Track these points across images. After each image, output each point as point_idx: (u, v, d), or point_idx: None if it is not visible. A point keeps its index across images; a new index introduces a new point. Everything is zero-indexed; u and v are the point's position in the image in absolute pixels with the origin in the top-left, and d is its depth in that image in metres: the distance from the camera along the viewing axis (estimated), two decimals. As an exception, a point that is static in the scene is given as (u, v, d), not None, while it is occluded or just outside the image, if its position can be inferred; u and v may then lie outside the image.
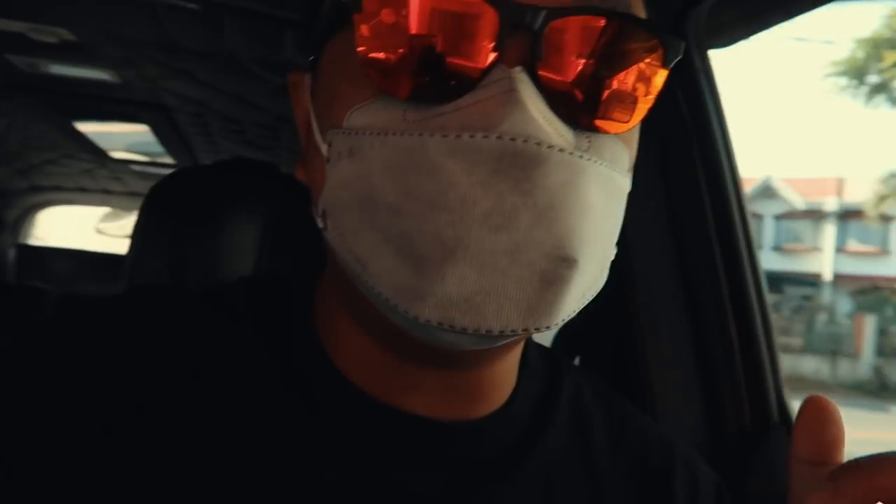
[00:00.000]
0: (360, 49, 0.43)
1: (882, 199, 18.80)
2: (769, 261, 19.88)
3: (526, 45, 0.41)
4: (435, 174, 0.40)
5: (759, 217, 20.34)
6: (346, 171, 0.45)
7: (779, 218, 20.81)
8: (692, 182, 0.81)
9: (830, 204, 20.41)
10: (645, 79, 0.46)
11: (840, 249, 20.65)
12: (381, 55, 0.43)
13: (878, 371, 16.25)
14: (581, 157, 0.41)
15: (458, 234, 0.40)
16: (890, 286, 19.84)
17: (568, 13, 0.42)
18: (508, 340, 0.45)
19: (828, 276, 20.14)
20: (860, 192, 20.04)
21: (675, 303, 0.82)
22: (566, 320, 0.45)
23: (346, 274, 0.48)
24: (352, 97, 0.45)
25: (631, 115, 0.46)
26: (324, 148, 0.48)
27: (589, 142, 0.44)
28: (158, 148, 2.65)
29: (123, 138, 2.82)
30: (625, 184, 0.48)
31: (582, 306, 0.46)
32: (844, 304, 19.79)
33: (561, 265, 0.41)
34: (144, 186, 3.45)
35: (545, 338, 0.89)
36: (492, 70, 0.41)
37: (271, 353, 0.54)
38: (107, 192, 3.61)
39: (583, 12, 0.43)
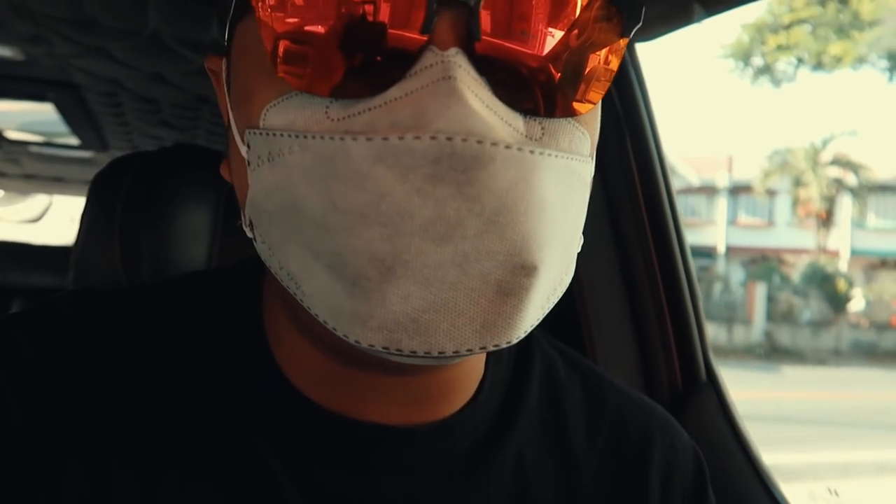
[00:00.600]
0: (265, 37, 0.37)
1: (768, 175, 20.13)
2: (669, 234, 20.75)
3: (461, 23, 0.36)
4: (362, 183, 0.35)
5: (659, 193, 21.24)
6: (267, 179, 0.39)
7: (678, 194, 21.88)
8: (626, 169, 0.87)
9: (722, 180, 21.65)
10: (603, 52, 0.40)
11: (732, 223, 22.00)
12: (290, 44, 0.37)
13: (768, 335, 17.51)
14: (532, 151, 0.36)
15: (396, 248, 0.35)
16: (777, 256, 21.36)
17: None
18: (463, 359, 0.39)
19: (722, 248, 21.45)
20: (748, 169, 21.37)
21: (611, 276, 0.89)
22: (528, 333, 0.40)
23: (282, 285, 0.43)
24: (265, 92, 0.39)
25: (589, 94, 0.41)
26: (243, 150, 0.42)
27: (542, 128, 0.38)
28: (57, 128, 2.49)
29: (17, 117, 2.64)
30: (586, 170, 0.42)
31: (545, 314, 0.41)
32: (737, 274, 21.18)
33: (518, 273, 0.36)
34: (42, 169, 3.28)
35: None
36: (422, 54, 0.35)
37: (217, 364, 0.50)
38: (1, 174, 3.37)
39: None
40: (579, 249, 0.45)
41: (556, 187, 0.38)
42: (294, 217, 0.38)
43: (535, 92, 0.39)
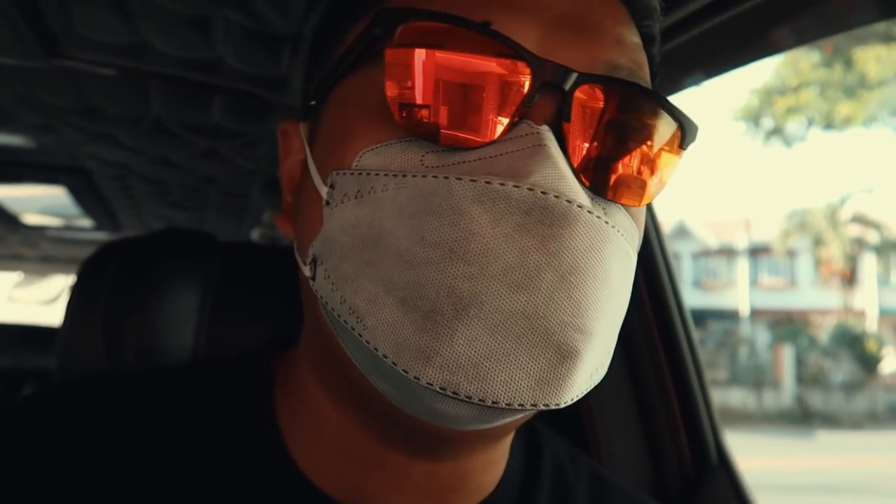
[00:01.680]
0: (388, 83, 0.42)
1: (787, 235, 19.99)
2: (690, 296, 20.65)
3: (554, 105, 0.41)
4: (458, 220, 0.37)
5: (678, 256, 21.21)
6: (349, 214, 0.42)
7: (696, 256, 21.77)
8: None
9: (741, 241, 21.52)
10: (662, 158, 0.45)
11: (754, 284, 21.71)
12: (410, 94, 0.41)
13: (800, 399, 16.98)
14: (608, 222, 0.39)
15: (475, 288, 0.36)
16: (802, 317, 20.93)
17: (599, 80, 0.42)
18: (510, 419, 0.41)
19: (745, 310, 21.10)
20: (767, 230, 21.24)
21: (613, 357, 0.85)
22: (574, 401, 0.40)
23: (329, 336, 0.44)
24: (365, 136, 0.43)
25: (645, 192, 0.45)
26: (324, 191, 0.45)
27: (603, 210, 0.42)
28: (73, 210, 2.55)
29: (35, 201, 2.70)
30: (635, 260, 0.45)
31: (587, 388, 0.41)
32: (763, 336, 20.73)
33: (576, 337, 0.38)
34: (59, 251, 3.33)
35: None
36: (518, 125, 0.40)
37: (226, 454, 0.49)
38: (18, 257, 3.43)
39: (613, 82, 0.42)
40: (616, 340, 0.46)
41: (618, 264, 0.41)
42: (373, 250, 0.40)
43: (602, 178, 0.43)
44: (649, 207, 0.90)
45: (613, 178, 0.43)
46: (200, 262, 0.83)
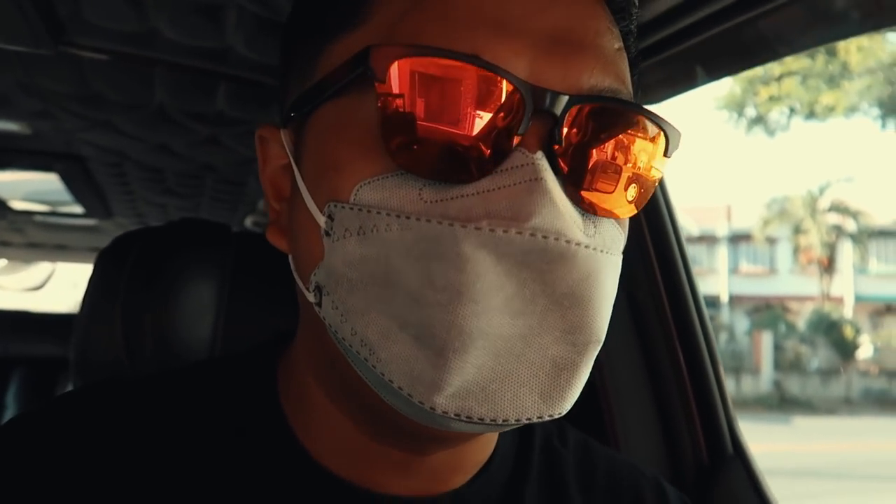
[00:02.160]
0: (383, 122, 0.42)
1: (767, 223, 20.22)
2: (672, 285, 20.71)
3: (545, 130, 0.42)
4: (464, 265, 0.39)
5: (660, 243, 21.32)
6: (354, 250, 0.43)
7: (678, 244, 21.92)
8: (637, 231, 0.86)
9: (722, 229, 21.72)
10: (649, 169, 0.47)
11: (733, 271, 21.96)
12: (402, 130, 0.42)
13: (777, 385, 17.25)
14: (602, 252, 0.42)
15: (481, 323, 0.39)
16: (781, 304, 21.24)
17: (588, 101, 0.43)
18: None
19: (725, 296, 21.35)
20: (747, 218, 21.47)
21: (630, 349, 0.87)
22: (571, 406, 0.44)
23: (334, 352, 0.46)
24: (360, 169, 0.43)
25: (634, 202, 0.47)
26: (322, 220, 0.45)
27: (594, 226, 0.44)
28: (61, 196, 2.51)
29: (21, 186, 2.66)
30: (620, 262, 0.48)
31: (580, 391, 0.45)
32: (742, 323, 21.01)
33: (571, 351, 0.41)
34: (46, 237, 3.28)
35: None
36: (513, 153, 0.41)
37: (237, 445, 0.51)
38: (5, 243, 3.38)
39: (601, 101, 0.44)
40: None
41: (609, 281, 0.44)
42: (383, 288, 0.41)
43: (594, 195, 0.45)
44: (666, 200, 0.92)
45: (603, 194, 0.45)
46: (217, 253, 0.83)
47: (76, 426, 0.51)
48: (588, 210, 0.45)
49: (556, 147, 0.42)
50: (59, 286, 4.67)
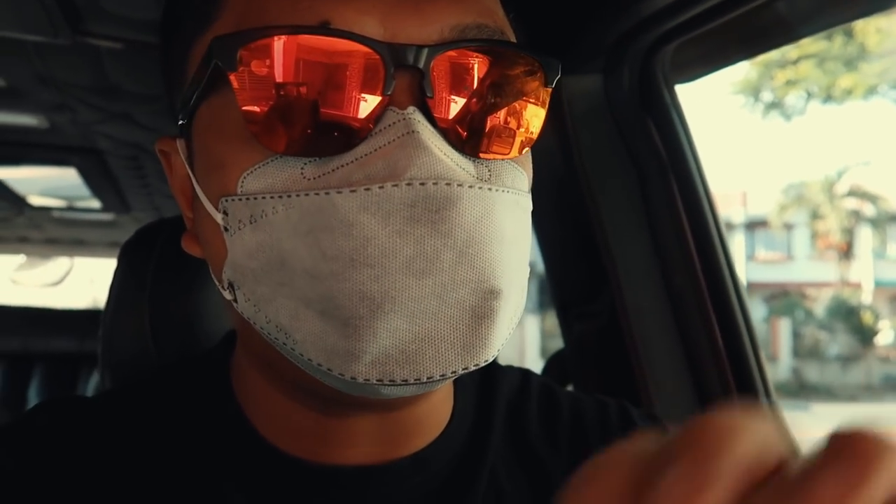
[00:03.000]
0: (244, 109, 0.41)
1: (784, 208, 20.02)
2: (687, 272, 20.62)
3: (414, 84, 0.41)
4: (349, 231, 0.39)
5: (675, 231, 21.20)
6: (250, 240, 0.43)
7: (693, 231, 21.78)
8: (674, 216, 0.84)
9: (738, 215, 21.55)
10: (532, 101, 0.47)
11: (750, 258, 21.80)
12: (266, 113, 0.41)
13: (796, 372, 17.13)
14: (490, 189, 0.41)
15: (384, 287, 0.39)
16: (798, 290, 21.06)
17: (449, 47, 0.42)
18: (439, 386, 0.44)
19: (742, 283, 21.15)
20: (763, 203, 21.27)
21: (665, 326, 0.85)
22: (499, 352, 0.44)
23: (262, 342, 0.46)
24: (241, 161, 0.43)
25: (525, 138, 0.47)
26: (218, 217, 0.45)
27: (489, 170, 0.44)
28: (77, 191, 2.51)
29: (39, 183, 2.67)
30: (528, 204, 0.47)
31: (509, 335, 0.45)
32: (759, 310, 20.85)
33: (488, 298, 0.41)
34: (65, 232, 3.30)
35: (536, 366, 0.91)
36: (384, 114, 0.41)
37: (197, 439, 0.52)
38: (23, 239, 3.40)
39: (462, 45, 0.43)
40: (527, 280, 0.48)
41: (511, 219, 0.43)
42: (281, 271, 0.41)
43: (479, 140, 0.44)
44: (704, 182, 0.89)
45: (488, 136, 0.45)
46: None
47: (38, 443, 0.51)
48: (478, 154, 0.44)
49: (429, 100, 0.42)
50: (78, 281, 4.71)
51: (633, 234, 0.88)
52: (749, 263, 21.59)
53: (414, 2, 0.42)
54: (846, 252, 19.98)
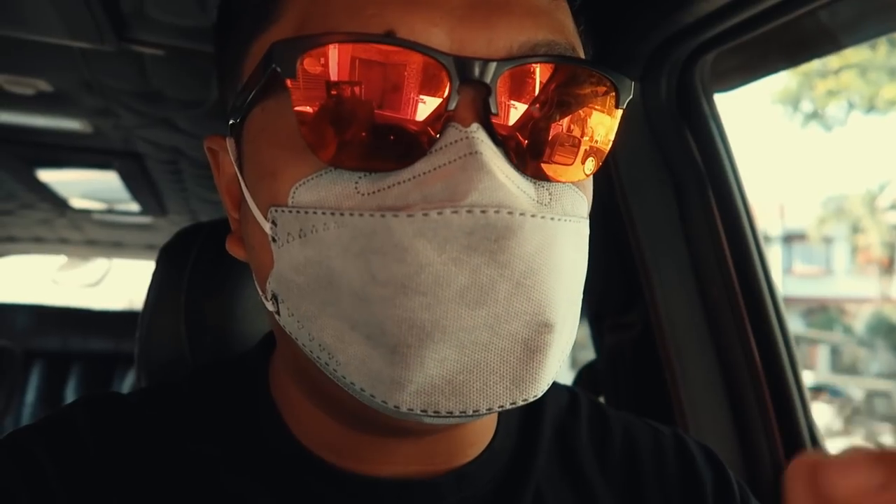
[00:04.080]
0: (299, 118, 0.39)
1: (823, 221, 19.57)
2: (722, 285, 20.28)
3: (479, 100, 0.39)
4: (403, 256, 0.37)
5: (709, 243, 20.89)
6: (298, 254, 0.41)
7: (728, 243, 21.43)
8: (711, 227, 0.82)
9: (775, 228, 21.11)
10: (601, 123, 0.44)
11: (787, 271, 21.33)
12: (323, 123, 0.39)
13: (833, 389, 16.66)
14: (552, 218, 0.39)
15: (435, 315, 0.37)
16: (837, 305, 20.54)
17: (518, 62, 0.40)
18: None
19: (780, 297, 20.70)
20: (801, 216, 20.82)
21: (702, 344, 0.83)
22: (549, 386, 0.42)
23: (302, 356, 0.44)
24: (294, 171, 0.41)
25: (591, 162, 0.44)
26: (267, 227, 0.43)
27: (549, 193, 0.42)
28: (116, 194, 2.57)
29: (80, 185, 2.74)
30: (586, 231, 0.45)
31: (559, 369, 0.43)
32: (797, 325, 20.35)
33: (542, 331, 0.39)
34: (104, 234, 3.38)
35: (566, 377, 0.90)
36: (446, 130, 0.39)
37: (230, 442, 0.51)
38: (64, 241, 3.49)
39: (532, 60, 0.41)
40: (580, 310, 0.47)
41: (570, 249, 0.41)
42: (329, 290, 0.40)
43: (542, 161, 0.42)
44: (741, 192, 0.88)
45: (552, 158, 0.42)
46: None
47: (76, 438, 0.50)
48: (540, 177, 0.42)
49: (493, 117, 0.39)
50: (116, 282, 4.81)
51: (668, 245, 0.87)
52: (786, 277, 21.13)
53: (484, 14, 0.40)
54: (889, 267, 19.43)
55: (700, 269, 0.84)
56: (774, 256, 21.10)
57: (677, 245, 0.86)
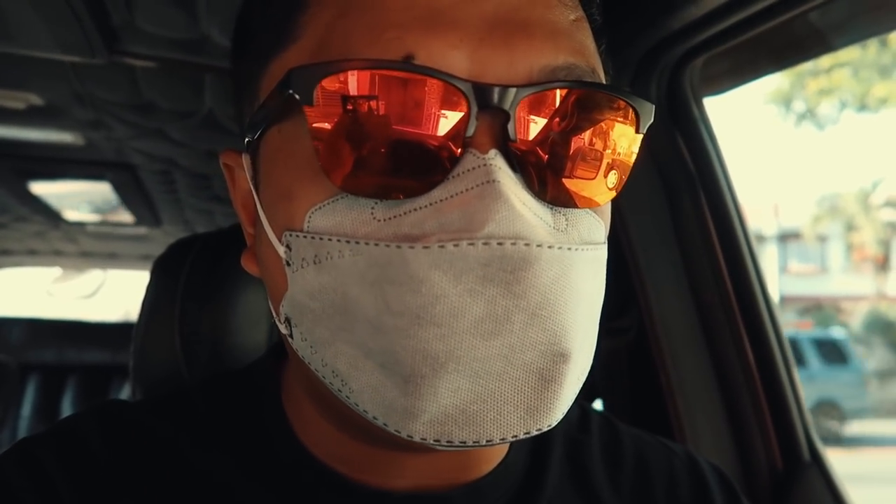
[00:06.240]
0: (316, 143, 0.39)
1: (817, 220, 19.64)
2: (718, 285, 20.27)
3: (497, 126, 0.39)
4: (419, 287, 0.36)
5: (705, 243, 20.90)
6: (312, 280, 0.41)
7: (723, 243, 21.43)
8: (703, 230, 0.83)
9: (770, 227, 21.16)
10: (621, 148, 0.44)
11: (783, 270, 21.37)
12: (339, 149, 0.39)
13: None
14: (569, 249, 0.39)
15: (449, 346, 0.37)
16: (833, 304, 20.59)
17: (538, 89, 0.39)
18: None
19: (775, 297, 20.74)
20: (796, 215, 20.88)
21: (696, 349, 0.83)
22: (563, 415, 0.42)
23: (316, 380, 0.44)
24: (310, 195, 0.41)
25: (609, 188, 0.44)
26: (281, 250, 0.43)
27: (566, 219, 0.41)
28: (112, 205, 2.56)
29: (74, 197, 2.73)
30: (604, 256, 0.45)
31: (574, 398, 0.43)
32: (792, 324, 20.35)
33: (557, 361, 0.39)
34: (99, 246, 3.37)
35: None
36: (464, 157, 0.38)
37: (240, 451, 0.51)
38: (58, 252, 3.47)
39: (552, 86, 0.40)
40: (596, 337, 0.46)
41: (587, 278, 0.41)
42: (344, 317, 0.40)
43: (561, 186, 0.41)
44: (733, 196, 0.88)
45: (571, 184, 0.42)
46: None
47: (86, 447, 0.50)
48: (558, 203, 0.41)
49: (512, 143, 0.39)
50: (111, 294, 4.80)
51: (661, 249, 0.87)
52: (782, 276, 21.17)
53: (504, 35, 0.40)
54: (883, 264, 19.49)
55: (693, 272, 0.85)
56: (770, 255, 21.16)
57: (670, 248, 0.87)
